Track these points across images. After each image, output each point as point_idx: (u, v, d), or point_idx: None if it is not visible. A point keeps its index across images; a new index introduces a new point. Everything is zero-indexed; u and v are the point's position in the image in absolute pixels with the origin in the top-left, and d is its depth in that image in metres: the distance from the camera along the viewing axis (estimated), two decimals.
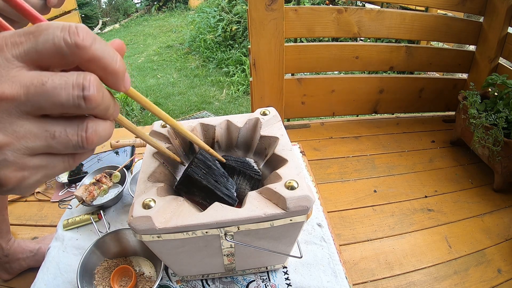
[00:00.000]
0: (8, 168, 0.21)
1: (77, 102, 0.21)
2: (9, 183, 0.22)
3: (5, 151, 0.20)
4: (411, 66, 1.70)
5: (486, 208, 1.26)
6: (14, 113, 0.20)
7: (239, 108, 3.01)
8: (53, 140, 0.22)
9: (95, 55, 0.22)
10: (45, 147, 0.22)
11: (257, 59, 1.48)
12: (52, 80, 0.20)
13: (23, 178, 0.22)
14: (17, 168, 0.21)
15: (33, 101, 0.20)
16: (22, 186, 0.23)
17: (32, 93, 0.20)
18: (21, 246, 0.97)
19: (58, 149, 0.22)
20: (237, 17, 3.78)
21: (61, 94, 0.20)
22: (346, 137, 1.67)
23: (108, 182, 0.89)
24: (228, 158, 0.62)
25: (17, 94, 0.20)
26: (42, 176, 0.23)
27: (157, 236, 0.49)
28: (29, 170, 0.22)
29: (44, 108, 0.21)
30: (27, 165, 0.22)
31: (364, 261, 1.05)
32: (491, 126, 1.23)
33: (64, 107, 0.21)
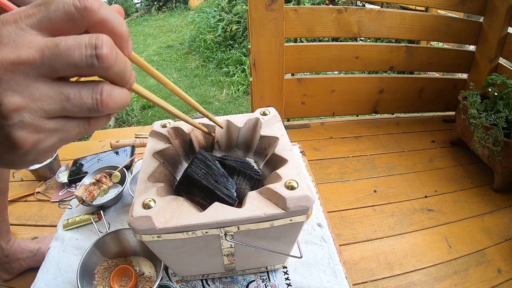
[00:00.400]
0: (24, 130, 0.22)
1: (90, 61, 0.21)
2: (24, 145, 0.22)
3: (22, 113, 0.21)
4: (411, 66, 1.70)
5: (486, 208, 1.26)
6: (30, 76, 0.21)
7: (239, 108, 3.01)
8: (68, 102, 0.22)
9: (103, 17, 0.22)
10: (60, 110, 0.23)
11: (257, 59, 1.48)
12: (65, 41, 0.21)
13: (38, 140, 0.23)
14: (33, 130, 0.22)
15: (48, 63, 0.21)
16: (37, 150, 0.23)
17: (47, 55, 0.21)
18: (21, 246, 0.97)
19: (73, 111, 0.23)
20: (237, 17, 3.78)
21: (74, 54, 0.21)
22: (346, 137, 1.67)
23: (108, 182, 0.89)
24: (228, 158, 0.62)
25: (33, 57, 0.21)
26: (57, 140, 0.24)
27: (157, 236, 0.49)
28: (44, 133, 0.23)
29: (59, 70, 0.21)
30: (43, 127, 0.22)
31: (364, 261, 1.05)
32: (491, 126, 1.23)
33: (77, 68, 0.22)
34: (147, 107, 3.14)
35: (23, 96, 0.21)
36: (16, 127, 0.21)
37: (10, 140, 0.22)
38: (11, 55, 0.21)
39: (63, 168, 1.30)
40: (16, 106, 0.21)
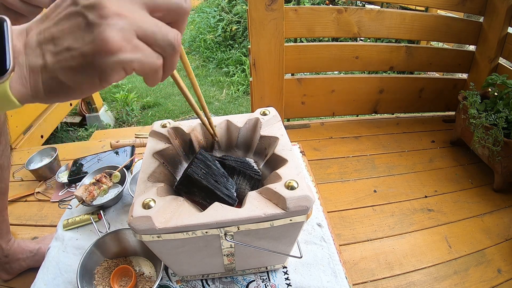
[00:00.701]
0: (117, 32, 0.25)
1: (182, 6, 0.29)
2: (112, 45, 0.25)
3: (121, 18, 0.25)
4: (411, 66, 1.70)
5: (486, 208, 1.26)
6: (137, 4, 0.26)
7: (239, 108, 3.01)
8: (157, 28, 0.27)
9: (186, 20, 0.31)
10: (149, 34, 0.27)
11: (257, 59, 1.48)
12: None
13: (123, 48, 0.25)
14: (123, 37, 0.25)
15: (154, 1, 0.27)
16: (118, 57, 0.25)
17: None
18: (21, 246, 0.97)
19: (157, 38, 0.27)
20: (237, 17, 3.78)
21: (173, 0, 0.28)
22: (346, 137, 1.67)
23: (108, 182, 0.89)
24: (228, 158, 0.62)
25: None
26: (135, 59, 0.27)
27: (157, 236, 0.49)
28: (131, 45, 0.26)
29: (159, 8, 0.27)
30: (132, 40, 0.26)
31: (364, 261, 1.05)
32: (491, 126, 1.23)
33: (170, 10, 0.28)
34: (147, 107, 3.14)
35: (128, 10, 0.26)
36: (112, 27, 0.25)
37: (100, 36, 0.25)
38: None
39: (63, 168, 1.30)
40: (118, 12, 0.25)
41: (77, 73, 0.26)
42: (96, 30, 0.25)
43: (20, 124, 1.76)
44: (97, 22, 0.25)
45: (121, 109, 2.98)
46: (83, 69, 0.26)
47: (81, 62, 0.26)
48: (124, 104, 3.01)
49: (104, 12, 0.24)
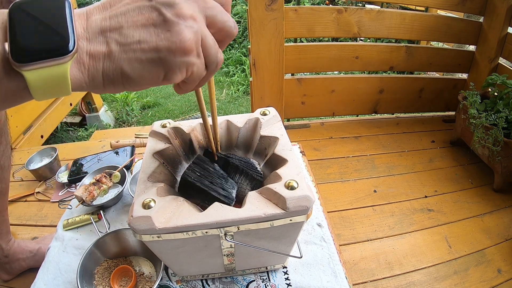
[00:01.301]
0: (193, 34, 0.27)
1: (233, 25, 0.31)
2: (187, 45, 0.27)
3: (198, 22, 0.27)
4: (411, 66, 1.70)
5: (486, 208, 1.26)
6: (202, 11, 0.28)
7: (239, 108, 3.01)
8: (214, 45, 0.29)
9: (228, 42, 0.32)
10: (208, 47, 0.29)
11: (257, 59, 1.48)
12: (221, 7, 0.30)
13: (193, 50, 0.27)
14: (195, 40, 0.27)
15: (213, 12, 0.29)
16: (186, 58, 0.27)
17: (213, 8, 0.29)
18: (21, 247, 0.97)
19: (211, 54, 0.29)
20: (237, 17, 3.77)
21: (226, 17, 0.30)
22: (346, 137, 1.67)
23: (108, 182, 0.89)
24: (233, 156, 0.61)
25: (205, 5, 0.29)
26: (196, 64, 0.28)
27: (157, 236, 0.49)
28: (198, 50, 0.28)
29: (216, 19, 0.29)
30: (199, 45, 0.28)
31: (364, 261, 1.05)
32: (491, 126, 1.23)
33: (224, 25, 0.30)
34: (147, 107, 3.14)
35: (198, 15, 0.28)
36: (190, 28, 0.26)
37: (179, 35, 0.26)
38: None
39: (63, 168, 1.30)
40: (194, 16, 0.27)
41: (145, 67, 0.26)
42: (175, 28, 0.25)
43: (20, 124, 1.76)
44: (175, 20, 0.25)
45: (121, 109, 2.98)
46: (152, 63, 0.26)
47: (152, 57, 0.26)
48: (124, 104, 3.01)
49: (182, 12, 0.26)
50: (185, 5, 0.26)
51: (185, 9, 0.26)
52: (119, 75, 0.26)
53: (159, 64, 0.26)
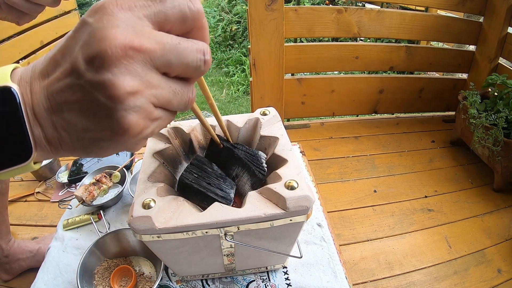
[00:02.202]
0: (138, 114, 0.22)
1: (199, 64, 0.24)
2: (134, 130, 0.23)
3: (138, 97, 0.22)
4: (411, 66, 1.70)
5: (486, 208, 1.26)
6: (147, 66, 0.22)
7: (239, 108, 3.01)
8: (175, 96, 0.24)
9: (205, 25, 0.25)
10: (166, 102, 0.24)
11: (257, 59, 1.48)
12: (183, 42, 0.23)
13: (146, 126, 0.23)
14: (144, 116, 0.23)
15: (166, 57, 0.22)
16: (142, 135, 0.24)
17: (167, 50, 0.22)
18: (21, 247, 0.97)
19: (174, 105, 0.25)
20: (237, 17, 3.77)
21: (189, 56, 0.23)
22: (346, 137, 1.67)
23: (108, 182, 0.89)
24: (240, 147, 0.61)
25: (153, 48, 0.22)
26: (156, 127, 0.25)
27: (157, 236, 0.49)
28: (151, 120, 0.24)
29: (172, 65, 0.23)
30: (152, 114, 0.23)
31: (364, 261, 1.05)
32: (491, 126, 1.23)
33: (187, 67, 0.24)
34: None
35: (140, 81, 0.22)
36: (130, 111, 0.22)
37: (120, 124, 0.22)
38: (134, 41, 0.21)
39: (63, 168, 1.30)
40: (134, 89, 0.21)
41: (101, 150, 0.25)
42: (114, 116, 0.21)
43: None
44: (111, 106, 0.21)
45: None
46: (106, 149, 0.24)
47: (103, 145, 0.24)
48: None
49: (115, 93, 0.21)
50: (119, 79, 0.21)
51: (119, 88, 0.21)
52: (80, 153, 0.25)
53: (113, 148, 0.24)
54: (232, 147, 0.60)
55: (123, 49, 0.20)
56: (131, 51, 0.21)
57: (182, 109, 0.26)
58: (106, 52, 0.20)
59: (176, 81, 0.24)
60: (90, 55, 0.21)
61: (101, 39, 0.20)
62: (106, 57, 0.20)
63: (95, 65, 0.20)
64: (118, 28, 0.21)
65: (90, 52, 0.21)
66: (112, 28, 0.21)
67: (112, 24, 0.21)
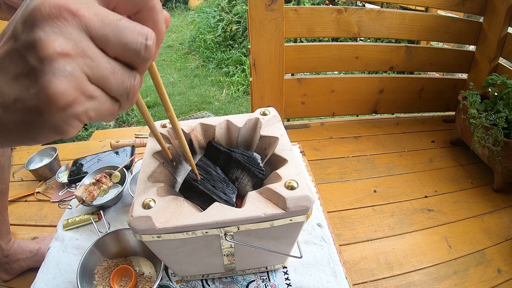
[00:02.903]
0: (67, 81, 0.20)
1: (139, 48, 0.22)
2: (62, 99, 0.20)
3: (69, 60, 0.20)
4: (411, 66, 1.70)
5: (486, 208, 1.26)
6: (83, 33, 0.20)
7: (239, 108, 3.01)
8: (113, 75, 0.22)
9: (156, 6, 0.23)
10: (104, 79, 0.22)
11: (257, 59, 1.48)
12: (124, 20, 0.21)
13: (77, 99, 0.21)
14: (75, 86, 0.20)
15: (104, 31, 0.21)
16: (71, 111, 0.21)
17: (106, 24, 0.21)
18: (21, 247, 0.97)
19: (112, 85, 0.22)
20: (237, 17, 3.77)
21: (128, 35, 0.21)
22: (346, 137, 1.67)
23: (108, 182, 0.89)
24: (236, 150, 0.61)
25: (92, 18, 0.20)
26: (92, 107, 0.22)
27: (157, 236, 0.49)
28: (84, 94, 0.21)
29: (110, 42, 0.21)
30: (84, 87, 0.21)
31: (364, 261, 1.05)
32: (491, 126, 1.23)
33: (125, 48, 0.22)
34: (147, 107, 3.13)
35: (74, 46, 0.20)
36: (58, 74, 0.19)
37: (46, 89, 0.19)
38: (72, 4, 0.20)
39: (63, 168, 1.30)
40: (65, 51, 0.19)
41: (30, 129, 0.22)
42: (40, 80, 0.19)
43: None
44: (38, 68, 0.19)
45: None
46: (34, 124, 0.21)
47: (30, 118, 0.21)
48: None
49: (45, 53, 0.19)
50: (50, 38, 0.19)
51: (48, 46, 0.19)
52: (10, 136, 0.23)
53: (42, 125, 0.21)
54: (230, 151, 0.60)
55: (57, 9, 0.19)
56: (67, 12, 0.19)
57: (123, 95, 0.23)
58: (39, 9, 0.19)
59: (117, 62, 0.22)
60: (25, 16, 0.20)
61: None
62: (39, 15, 0.19)
63: (28, 24, 0.19)
64: None
65: (26, 12, 0.20)
66: None
67: None
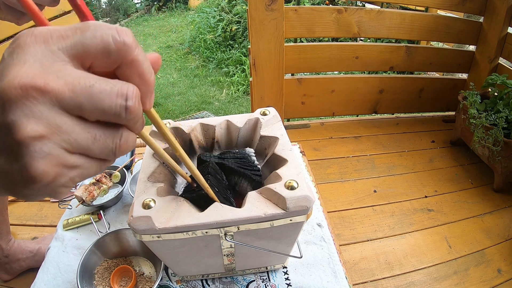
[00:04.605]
0: (47, 161, 0.20)
1: (118, 111, 0.21)
2: (44, 178, 0.20)
3: (46, 142, 0.19)
4: (411, 66, 1.70)
5: (486, 208, 1.26)
6: (55, 108, 0.19)
7: (239, 108, 3.01)
8: (94, 142, 0.21)
9: (137, 58, 0.21)
10: (84, 148, 0.21)
11: (257, 59, 1.48)
12: (99, 84, 0.20)
13: (59, 174, 0.21)
14: (56, 163, 0.20)
15: (77, 100, 0.19)
16: (56, 184, 0.21)
17: (77, 92, 0.19)
18: (21, 247, 0.97)
19: (95, 152, 0.22)
20: (237, 17, 3.77)
21: (105, 100, 0.20)
22: (346, 137, 1.67)
23: (108, 182, 0.89)
24: (227, 156, 0.61)
25: (62, 90, 0.19)
26: (77, 175, 0.22)
27: (157, 236, 0.49)
28: (66, 167, 0.21)
29: (85, 110, 0.20)
30: (65, 161, 0.20)
31: (364, 261, 1.05)
32: (491, 126, 1.23)
33: (104, 113, 0.20)
34: None
35: (47, 125, 0.19)
36: (36, 157, 0.19)
37: (27, 171, 0.19)
38: (38, 80, 0.18)
39: None
40: (39, 134, 0.19)
41: (23, 196, 0.22)
42: (21, 161, 0.20)
43: None
44: (17, 151, 0.19)
45: None
46: (26, 194, 0.22)
47: (21, 190, 0.21)
48: None
49: (19, 138, 0.19)
50: (22, 122, 0.18)
51: (21, 131, 0.19)
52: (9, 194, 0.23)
53: (34, 195, 0.22)
54: (221, 159, 0.60)
55: (23, 89, 0.18)
56: (34, 91, 0.18)
57: (110, 156, 0.23)
58: (5, 92, 0.18)
59: (97, 126, 0.21)
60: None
61: (4, 77, 0.19)
62: (7, 98, 0.18)
63: (0, 106, 0.19)
64: (24, 65, 0.19)
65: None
66: (17, 65, 0.19)
67: (19, 60, 0.19)
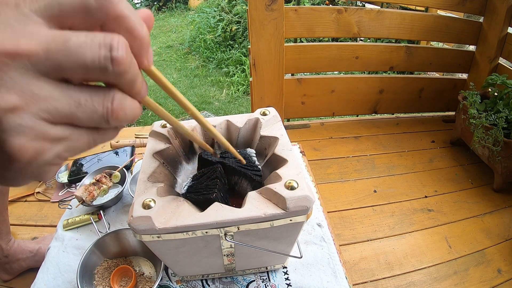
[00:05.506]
0: (24, 136, 0.18)
1: (103, 64, 0.18)
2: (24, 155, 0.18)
3: (20, 114, 0.17)
4: (411, 66, 1.70)
5: (486, 208, 1.26)
6: (30, 73, 0.17)
7: (239, 108, 3.01)
8: (78, 108, 0.19)
9: (123, 12, 0.19)
10: (68, 116, 0.19)
11: (257, 59, 1.48)
12: (77, 37, 0.18)
13: (41, 149, 0.18)
14: (35, 137, 0.18)
15: (53, 59, 0.17)
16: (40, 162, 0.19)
17: (53, 50, 0.17)
18: (21, 247, 0.97)
19: (82, 119, 0.19)
20: (237, 17, 3.77)
21: (86, 54, 0.18)
22: (346, 137, 1.67)
23: (108, 182, 0.89)
24: (228, 155, 0.61)
25: (34, 50, 0.17)
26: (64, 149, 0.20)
27: (157, 236, 0.49)
28: (48, 141, 0.19)
29: (65, 69, 0.18)
30: (47, 134, 0.18)
31: (364, 261, 1.05)
32: (491, 126, 1.23)
33: (88, 70, 0.18)
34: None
35: (21, 94, 0.17)
36: (13, 132, 0.17)
37: (5, 149, 0.17)
38: (7, 45, 0.17)
39: (63, 168, 1.30)
40: (12, 105, 0.17)
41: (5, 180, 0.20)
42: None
43: None
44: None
45: None
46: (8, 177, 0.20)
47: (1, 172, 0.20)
48: None
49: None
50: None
51: None
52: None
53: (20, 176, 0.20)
54: (222, 159, 0.60)
55: None
56: (4, 57, 0.17)
57: (102, 124, 0.20)
58: None
59: (83, 89, 0.19)
60: None
61: None
62: None
63: None
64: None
65: None
66: None
67: None
